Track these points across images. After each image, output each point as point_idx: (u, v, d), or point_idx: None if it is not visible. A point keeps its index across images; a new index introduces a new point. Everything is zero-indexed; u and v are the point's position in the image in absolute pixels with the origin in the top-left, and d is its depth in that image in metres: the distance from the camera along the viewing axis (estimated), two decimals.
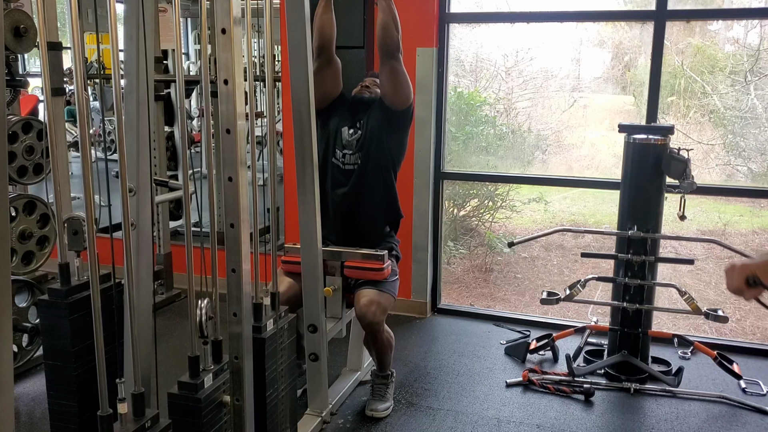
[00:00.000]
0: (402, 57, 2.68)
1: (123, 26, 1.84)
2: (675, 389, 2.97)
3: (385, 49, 2.66)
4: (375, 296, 2.59)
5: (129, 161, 1.79)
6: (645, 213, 3.03)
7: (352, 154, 2.80)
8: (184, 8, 4.96)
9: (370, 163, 2.77)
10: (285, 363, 2.20)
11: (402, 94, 2.74)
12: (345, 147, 2.82)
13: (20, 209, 2.93)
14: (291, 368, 2.26)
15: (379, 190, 2.80)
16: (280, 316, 2.16)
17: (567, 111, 4.79)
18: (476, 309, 4.08)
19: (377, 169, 2.78)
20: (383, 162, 2.79)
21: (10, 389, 1.31)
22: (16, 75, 2.86)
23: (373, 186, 2.78)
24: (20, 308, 2.98)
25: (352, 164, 2.79)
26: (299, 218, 2.45)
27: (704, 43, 4.46)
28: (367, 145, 2.77)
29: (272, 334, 2.09)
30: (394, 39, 2.65)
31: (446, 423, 2.72)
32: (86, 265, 1.55)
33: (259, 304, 2.06)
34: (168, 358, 2.92)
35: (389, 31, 2.64)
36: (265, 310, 2.09)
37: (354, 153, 2.79)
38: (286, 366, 2.21)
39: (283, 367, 2.19)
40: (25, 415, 2.77)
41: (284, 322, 2.17)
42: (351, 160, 2.80)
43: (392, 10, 2.64)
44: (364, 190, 2.77)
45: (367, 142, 2.78)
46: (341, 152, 2.81)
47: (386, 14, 2.64)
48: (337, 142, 2.83)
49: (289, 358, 2.24)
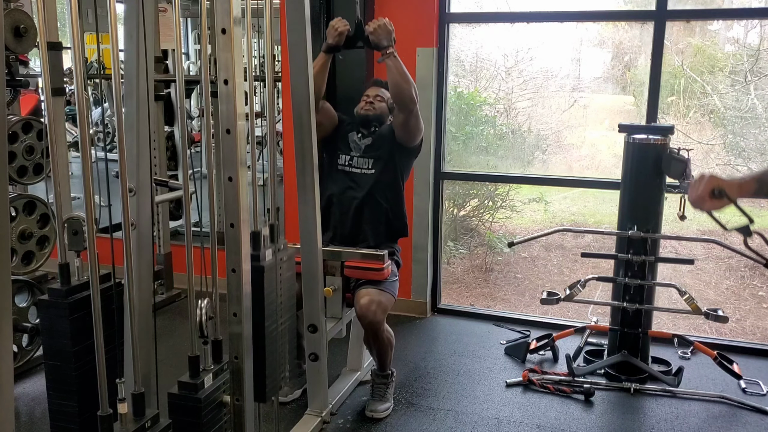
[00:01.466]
0: (417, 105, 2.73)
1: (123, 26, 1.84)
2: (675, 389, 2.97)
3: (401, 105, 2.72)
4: (375, 295, 2.60)
5: (129, 161, 1.79)
6: (645, 213, 3.03)
7: (360, 157, 2.85)
8: (184, 8, 4.97)
9: (381, 167, 2.82)
10: (285, 296, 2.16)
11: (415, 138, 2.83)
12: (352, 150, 2.87)
13: (20, 209, 2.93)
14: (290, 303, 2.22)
15: (388, 196, 2.85)
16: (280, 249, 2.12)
17: (567, 111, 4.79)
18: (476, 309, 4.08)
19: (388, 175, 2.83)
20: (392, 169, 2.84)
21: (10, 389, 1.31)
22: (16, 75, 2.86)
23: (383, 191, 2.83)
24: (20, 308, 2.98)
25: (359, 168, 2.84)
26: (299, 218, 2.45)
27: (704, 43, 4.46)
28: (377, 152, 2.84)
29: (270, 264, 2.05)
30: (407, 95, 2.67)
31: (446, 423, 2.72)
32: (86, 265, 1.55)
33: (257, 233, 2.01)
34: (168, 358, 2.91)
35: (400, 88, 2.67)
36: (264, 241, 2.04)
37: (362, 156, 2.85)
38: (285, 300, 2.17)
39: (283, 301, 2.15)
40: (25, 415, 2.77)
41: (284, 254, 2.13)
42: (359, 163, 2.85)
43: (399, 67, 2.66)
44: (374, 193, 2.81)
45: (378, 149, 2.84)
46: (347, 156, 2.86)
47: (393, 73, 2.66)
48: (342, 148, 2.89)
49: (289, 292, 2.20)
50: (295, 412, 2.76)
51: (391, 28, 2.68)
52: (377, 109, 2.87)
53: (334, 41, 2.71)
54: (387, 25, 2.67)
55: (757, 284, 4.41)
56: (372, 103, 2.88)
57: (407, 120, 2.74)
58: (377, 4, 3.59)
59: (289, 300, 2.22)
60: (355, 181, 2.84)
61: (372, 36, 2.68)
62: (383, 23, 2.66)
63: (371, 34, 2.67)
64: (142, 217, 1.86)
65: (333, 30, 2.71)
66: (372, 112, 2.87)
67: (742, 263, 4.39)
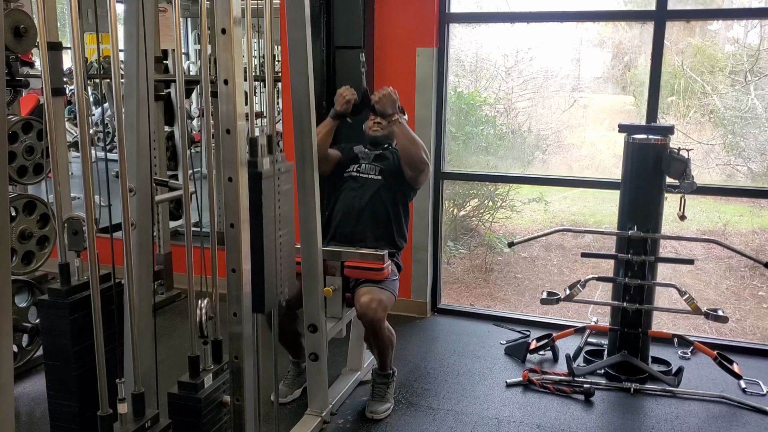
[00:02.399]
0: (428, 165, 2.85)
1: (123, 26, 1.84)
2: (675, 389, 2.97)
3: (411, 167, 2.81)
4: (376, 293, 2.60)
5: (129, 161, 1.79)
6: (645, 213, 3.03)
7: (368, 164, 2.93)
8: (184, 8, 4.97)
9: (387, 175, 2.88)
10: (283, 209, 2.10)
11: (420, 185, 2.94)
12: (361, 159, 2.95)
13: (20, 209, 2.93)
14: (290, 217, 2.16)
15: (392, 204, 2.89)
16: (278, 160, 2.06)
17: (567, 111, 4.79)
18: (476, 309, 4.08)
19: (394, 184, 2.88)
20: (399, 180, 2.88)
21: (10, 389, 1.31)
22: (16, 75, 2.85)
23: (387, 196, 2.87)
24: (20, 308, 2.98)
25: (366, 174, 2.91)
26: (299, 218, 2.45)
27: (704, 43, 4.46)
28: (386, 163, 2.91)
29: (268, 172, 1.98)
30: (417, 158, 2.78)
31: (446, 423, 2.72)
32: (86, 265, 1.55)
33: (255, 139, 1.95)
34: (168, 358, 2.91)
35: (409, 152, 2.78)
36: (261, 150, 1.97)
37: (371, 164, 2.93)
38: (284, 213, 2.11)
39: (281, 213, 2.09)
40: (25, 415, 2.77)
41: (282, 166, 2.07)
42: (366, 170, 2.92)
43: (406, 132, 2.77)
44: (378, 197, 2.85)
45: (387, 161, 2.92)
46: (356, 165, 2.94)
47: (401, 138, 2.79)
48: (351, 160, 2.96)
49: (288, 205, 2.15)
50: (295, 412, 2.76)
51: (395, 96, 2.79)
52: (385, 129, 2.93)
53: (342, 108, 2.81)
54: (391, 94, 2.78)
55: (757, 284, 4.41)
56: (380, 123, 2.94)
57: (417, 176, 2.85)
58: (377, 4, 3.59)
59: (288, 213, 2.15)
60: (360, 183, 2.89)
61: (377, 105, 2.79)
62: (387, 93, 2.78)
63: (376, 103, 2.79)
64: (142, 217, 1.87)
65: (341, 98, 2.81)
66: (380, 133, 2.94)
67: (742, 263, 4.40)
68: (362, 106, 2.84)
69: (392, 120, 2.79)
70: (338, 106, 2.81)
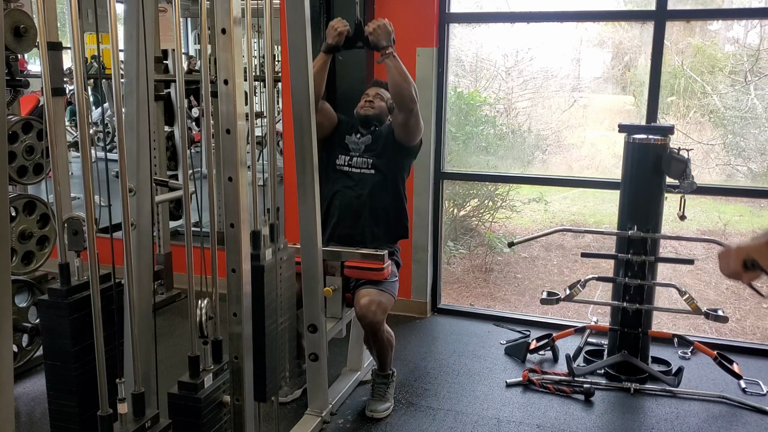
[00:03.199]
0: (417, 105, 2.73)
1: (123, 26, 1.84)
2: (675, 389, 2.97)
3: (401, 106, 2.72)
4: (375, 296, 2.60)
5: (129, 161, 1.79)
6: (645, 213, 3.03)
7: (359, 157, 2.86)
8: (184, 8, 4.97)
9: (380, 167, 2.83)
10: (284, 296, 2.15)
11: (415, 137, 2.83)
12: (351, 151, 2.88)
13: (20, 209, 2.93)
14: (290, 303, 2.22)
15: (388, 196, 2.85)
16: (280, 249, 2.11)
17: (567, 111, 4.79)
18: (476, 309, 4.08)
19: (387, 175, 2.84)
20: (392, 168, 2.84)
21: (10, 389, 1.31)
22: (16, 75, 2.85)
23: (382, 191, 2.84)
24: (20, 308, 2.98)
25: (358, 168, 2.85)
26: (299, 218, 2.45)
27: (704, 43, 4.47)
28: (377, 151, 2.85)
29: (270, 264, 2.05)
30: (407, 94, 2.68)
31: (446, 423, 2.72)
32: (86, 265, 1.55)
33: (257, 232, 2.00)
34: (168, 358, 2.92)
35: (399, 87, 2.68)
36: (264, 240, 2.03)
37: (361, 156, 2.86)
38: (285, 300, 2.16)
39: (282, 300, 2.14)
40: (25, 415, 2.77)
41: (284, 254, 2.13)
42: (358, 163, 2.86)
43: (398, 66, 2.67)
44: (373, 194, 2.82)
45: (378, 149, 2.85)
46: (346, 156, 2.87)
47: (393, 72, 2.67)
48: (340, 149, 2.89)
49: (289, 291, 2.20)
50: (295, 412, 2.76)
51: (390, 28, 2.68)
52: (377, 108, 2.88)
53: (334, 41, 2.72)
54: (386, 26, 2.68)
55: (757, 284, 4.41)
56: (372, 102, 2.89)
57: (407, 120, 2.74)
58: (377, 4, 3.59)
59: (289, 300, 2.22)
60: (354, 180, 2.85)
61: (371, 36, 2.68)
62: (382, 23, 2.67)
63: (370, 34, 2.68)
64: (142, 217, 1.86)
65: (333, 30, 2.72)
66: (371, 112, 2.87)
67: None
68: (355, 39, 2.74)
69: (386, 53, 2.67)
70: (330, 39, 2.72)
